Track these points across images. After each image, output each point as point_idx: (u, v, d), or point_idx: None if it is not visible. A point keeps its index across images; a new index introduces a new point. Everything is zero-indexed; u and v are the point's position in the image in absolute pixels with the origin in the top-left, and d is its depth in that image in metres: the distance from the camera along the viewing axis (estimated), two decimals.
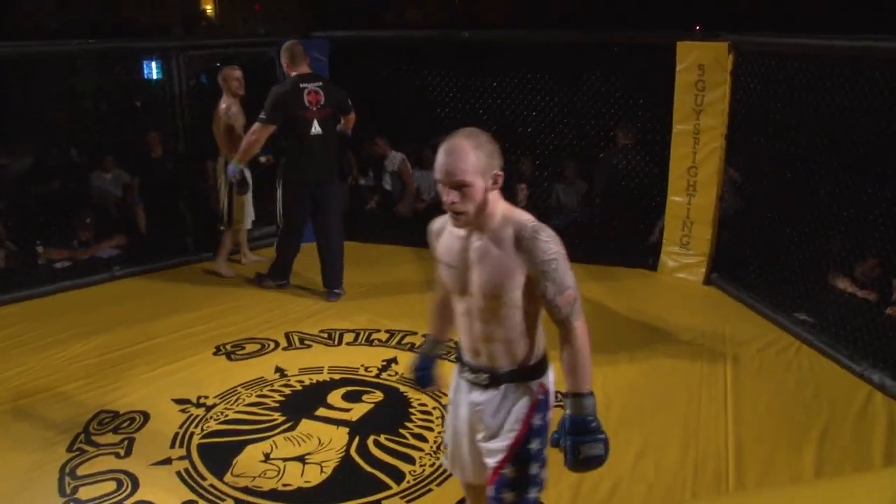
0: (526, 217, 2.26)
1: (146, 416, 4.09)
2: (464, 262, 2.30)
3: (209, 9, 18.29)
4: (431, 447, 3.77)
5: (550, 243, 2.19)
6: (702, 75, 5.76)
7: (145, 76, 10.27)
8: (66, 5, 15.53)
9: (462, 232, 2.30)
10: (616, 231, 6.79)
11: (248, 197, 6.29)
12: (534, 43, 7.07)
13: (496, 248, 2.22)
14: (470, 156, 2.14)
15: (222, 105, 6.03)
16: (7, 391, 4.42)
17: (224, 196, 6.18)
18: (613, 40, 6.61)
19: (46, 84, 7.45)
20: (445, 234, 2.38)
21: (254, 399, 4.28)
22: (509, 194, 7.07)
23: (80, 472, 3.59)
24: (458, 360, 2.51)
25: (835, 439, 3.84)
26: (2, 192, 6.89)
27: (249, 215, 6.46)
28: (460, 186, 2.14)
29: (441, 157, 2.17)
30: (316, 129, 5.45)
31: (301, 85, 5.43)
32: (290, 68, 5.53)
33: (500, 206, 2.26)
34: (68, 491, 3.45)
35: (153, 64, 10.21)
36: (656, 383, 4.45)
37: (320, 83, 5.54)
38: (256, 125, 5.40)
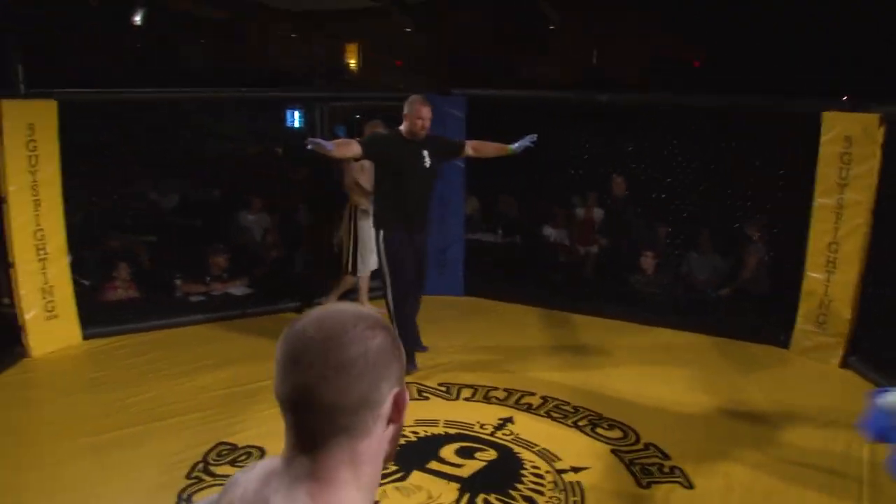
0: None
1: (263, 452, 4.18)
2: None
3: (353, 62, 19.05)
4: None
5: None
6: (848, 147, 5.52)
7: (288, 124, 10.76)
8: (220, 55, 16.53)
9: None
10: (748, 305, 6.53)
11: (370, 244, 6.23)
12: (673, 107, 6.95)
13: None
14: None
15: None
16: (140, 413, 4.66)
17: (349, 242, 6.36)
18: (757, 107, 6.43)
19: (197, 127, 7.94)
20: None
21: None
22: (635, 263, 7.02)
23: (196, 499, 3.70)
24: None
25: None
26: (151, 226, 7.31)
27: (371, 263, 6.35)
28: None
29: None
30: None
31: None
32: None
33: None
34: None
35: (296, 113, 10.70)
36: (782, 472, 4.19)
37: None
38: None
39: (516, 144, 5.56)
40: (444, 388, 5.14)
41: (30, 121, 5.43)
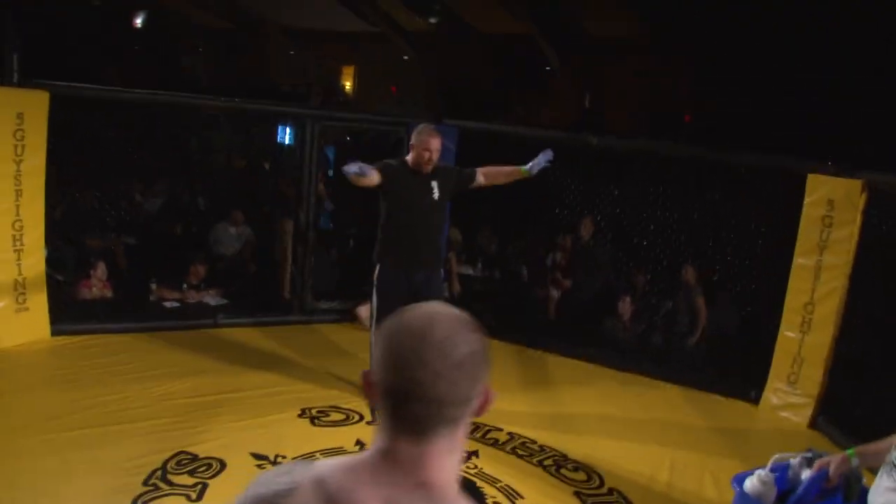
0: None
1: (223, 465, 4.12)
2: None
3: (348, 85, 19.16)
4: None
5: None
6: (830, 211, 5.59)
7: (279, 140, 10.74)
8: (221, 65, 16.61)
9: None
10: (720, 358, 6.55)
11: None
12: (661, 155, 7.00)
13: None
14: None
15: None
16: (102, 415, 4.59)
17: None
18: (743, 162, 6.50)
19: (189, 133, 7.93)
20: None
21: None
22: (611, 307, 7.05)
23: None
24: None
25: None
26: (132, 227, 7.25)
27: None
28: None
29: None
30: None
31: None
32: None
33: None
34: None
35: (287, 129, 10.69)
36: None
37: None
38: None
39: (530, 165, 5.20)
40: None
41: (19, 110, 5.40)
